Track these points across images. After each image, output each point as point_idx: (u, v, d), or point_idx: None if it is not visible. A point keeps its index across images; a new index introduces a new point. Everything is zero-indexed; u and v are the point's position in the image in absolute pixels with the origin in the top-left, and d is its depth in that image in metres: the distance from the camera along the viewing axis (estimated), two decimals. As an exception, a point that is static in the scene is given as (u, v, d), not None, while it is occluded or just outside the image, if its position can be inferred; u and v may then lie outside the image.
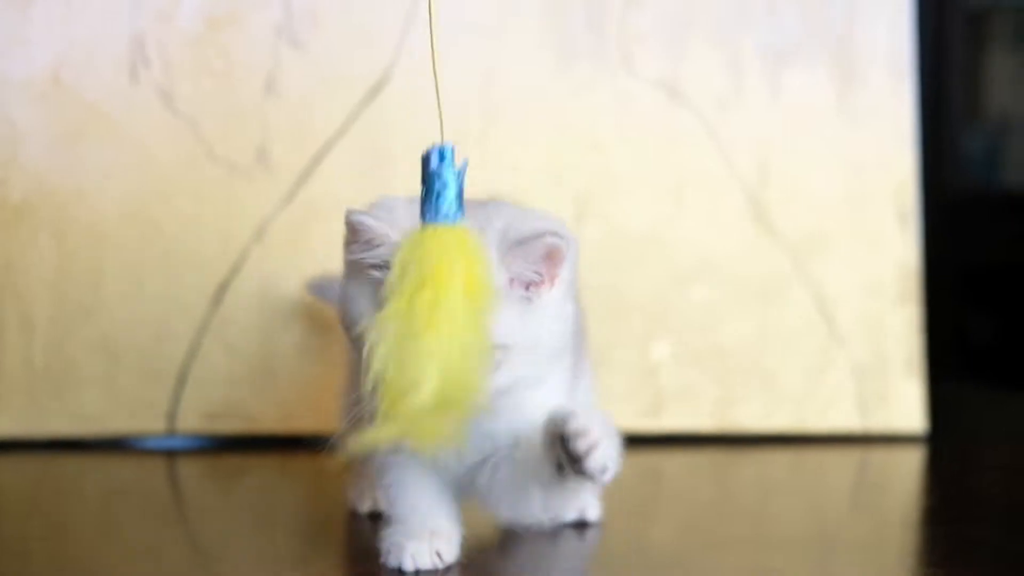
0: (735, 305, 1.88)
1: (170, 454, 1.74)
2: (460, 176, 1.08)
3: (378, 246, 1.09)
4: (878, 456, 1.82)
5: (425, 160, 1.08)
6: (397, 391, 1.01)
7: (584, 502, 1.32)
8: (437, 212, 1.06)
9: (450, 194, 1.07)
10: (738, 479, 1.71)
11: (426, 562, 1.14)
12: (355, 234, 1.11)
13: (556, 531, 1.30)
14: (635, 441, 1.80)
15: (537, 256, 1.11)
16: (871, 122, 1.93)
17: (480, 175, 1.82)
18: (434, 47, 1.11)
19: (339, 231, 1.13)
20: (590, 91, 1.85)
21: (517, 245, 1.11)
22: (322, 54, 1.80)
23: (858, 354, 1.91)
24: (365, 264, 1.10)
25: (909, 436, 1.89)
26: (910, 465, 1.79)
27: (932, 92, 3.06)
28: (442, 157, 1.08)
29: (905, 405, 1.91)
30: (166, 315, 1.77)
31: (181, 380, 1.77)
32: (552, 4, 1.86)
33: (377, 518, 1.33)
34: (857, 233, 1.92)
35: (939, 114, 3.16)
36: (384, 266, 1.07)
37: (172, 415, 1.77)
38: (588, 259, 1.83)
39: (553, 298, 1.13)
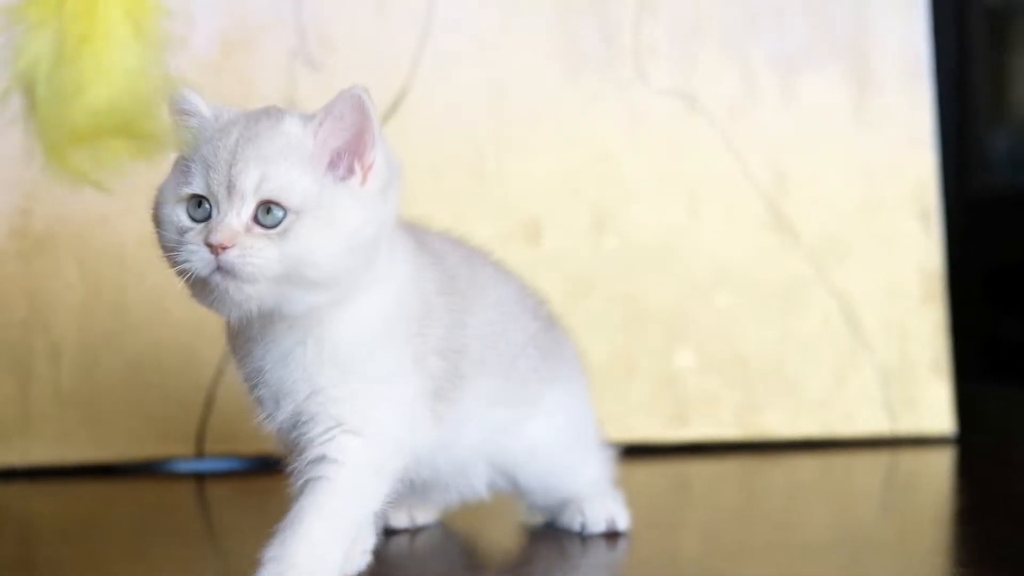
0: (756, 312, 1.88)
1: (199, 477, 1.75)
2: None
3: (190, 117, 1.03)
4: (907, 459, 1.81)
5: None
6: (54, 105, 0.87)
7: (612, 512, 1.30)
8: None
9: None
10: (765, 486, 1.71)
11: None
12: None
13: (584, 540, 1.29)
14: (660, 451, 1.82)
15: (347, 120, 1.02)
16: (887, 124, 1.92)
17: (496, 189, 1.84)
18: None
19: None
20: (603, 102, 1.86)
21: (324, 110, 1.02)
22: (337, 75, 1.80)
23: (884, 357, 1.90)
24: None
25: (938, 438, 1.88)
26: (939, 467, 1.79)
27: (954, 93, 3.05)
28: None
29: (933, 407, 1.90)
30: (191, 339, 1.78)
31: (208, 403, 1.78)
32: (563, 17, 1.87)
33: (392, 534, 1.33)
34: (878, 236, 1.91)
35: (962, 114, 3.14)
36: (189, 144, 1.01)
37: (200, 438, 1.78)
38: (607, 269, 1.85)
39: (368, 196, 1.02)
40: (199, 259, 1.00)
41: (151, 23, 0.89)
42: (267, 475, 1.76)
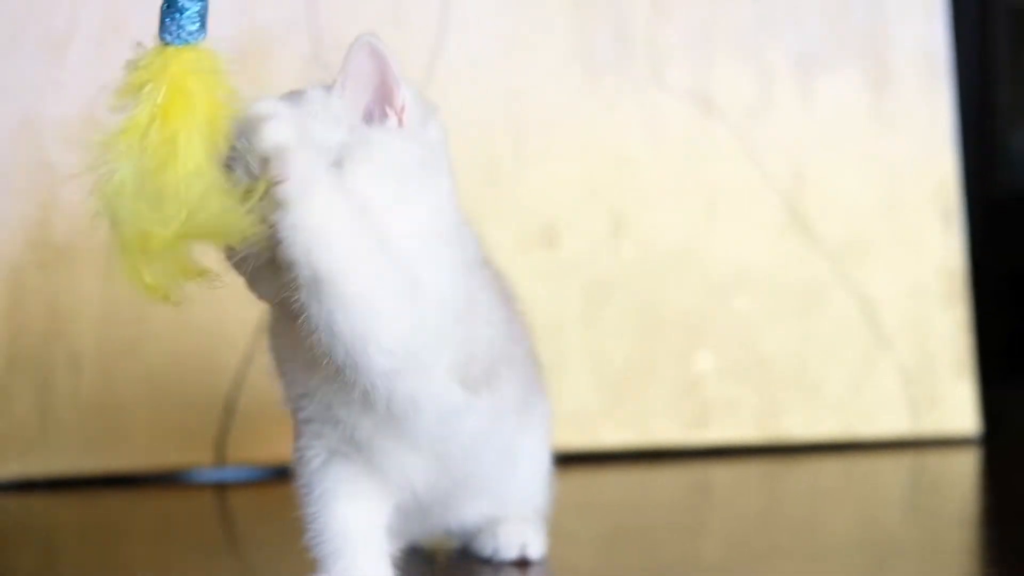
0: (776, 314, 1.87)
1: (220, 486, 1.75)
2: None
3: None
4: (931, 460, 1.80)
5: None
6: (133, 225, 0.93)
7: (527, 539, 1.23)
8: (180, 30, 0.93)
9: (194, 10, 0.94)
10: (787, 489, 1.70)
11: None
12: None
13: (606, 542, 1.29)
14: (681, 454, 1.82)
15: (365, 71, 1.00)
16: (907, 123, 1.91)
17: (512, 194, 1.84)
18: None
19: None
20: (620, 106, 1.85)
21: (342, 70, 1.00)
22: (353, 82, 1.81)
23: (906, 358, 1.89)
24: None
25: (962, 438, 1.87)
26: (964, 467, 1.78)
27: (976, 91, 3.04)
28: None
29: (956, 407, 1.89)
30: (211, 347, 1.78)
31: (228, 412, 1.78)
32: (579, 21, 1.86)
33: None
34: (898, 236, 1.90)
35: (984, 113, 3.13)
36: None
37: (221, 447, 1.78)
38: (625, 273, 1.85)
39: (406, 132, 1.01)
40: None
41: (217, 147, 0.94)
42: (289, 484, 1.75)
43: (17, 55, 1.77)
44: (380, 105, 1.01)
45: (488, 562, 1.22)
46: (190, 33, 0.94)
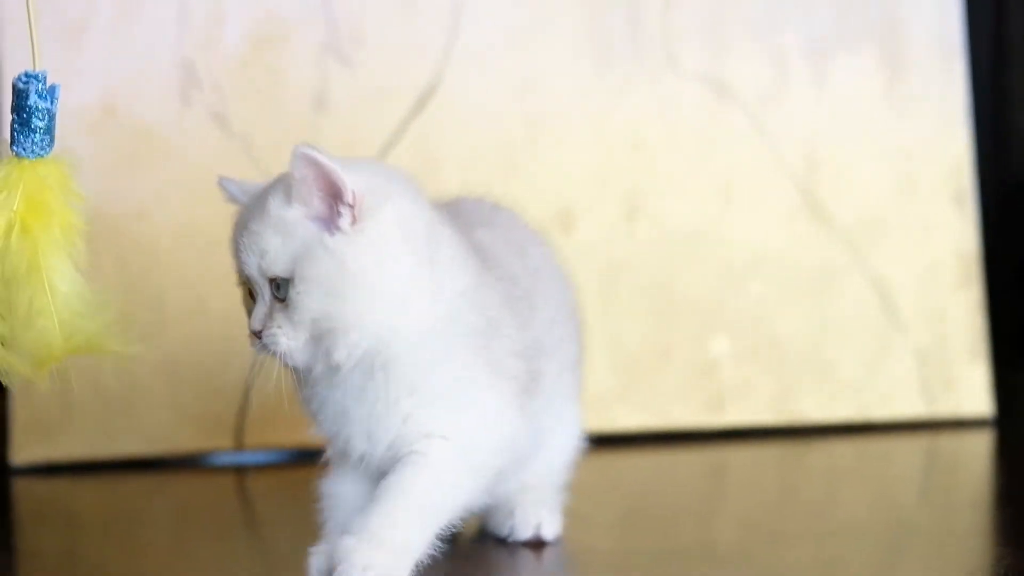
0: (791, 298, 1.88)
1: (239, 469, 1.76)
2: (55, 107, 1.03)
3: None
4: (945, 442, 1.80)
5: (22, 93, 1.02)
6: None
7: (540, 518, 1.24)
8: (33, 145, 1.02)
9: (46, 127, 1.02)
10: (803, 471, 1.71)
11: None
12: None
13: (622, 525, 1.29)
14: (697, 437, 1.82)
15: (309, 179, 1.06)
16: (921, 106, 1.91)
17: (528, 179, 1.84)
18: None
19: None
20: (634, 91, 1.85)
21: (293, 180, 1.06)
22: (368, 68, 1.81)
23: (920, 340, 1.89)
24: None
25: (976, 420, 1.87)
26: (978, 449, 1.78)
27: (990, 74, 3.02)
28: (40, 91, 1.02)
29: (970, 389, 1.89)
30: (229, 332, 1.77)
31: (246, 395, 1.79)
32: (593, 7, 1.86)
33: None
34: (913, 219, 1.90)
35: (998, 96, 3.11)
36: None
37: (239, 431, 1.79)
38: (640, 258, 1.85)
39: (360, 232, 1.06)
40: (255, 346, 1.14)
41: (76, 252, 1.06)
42: (307, 466, 1.76)
43: (34, 43, 1.77)
44: (334, 205, 1.06)
45: (503, 542, 1.23)
46: (42, 148, 1.02)
